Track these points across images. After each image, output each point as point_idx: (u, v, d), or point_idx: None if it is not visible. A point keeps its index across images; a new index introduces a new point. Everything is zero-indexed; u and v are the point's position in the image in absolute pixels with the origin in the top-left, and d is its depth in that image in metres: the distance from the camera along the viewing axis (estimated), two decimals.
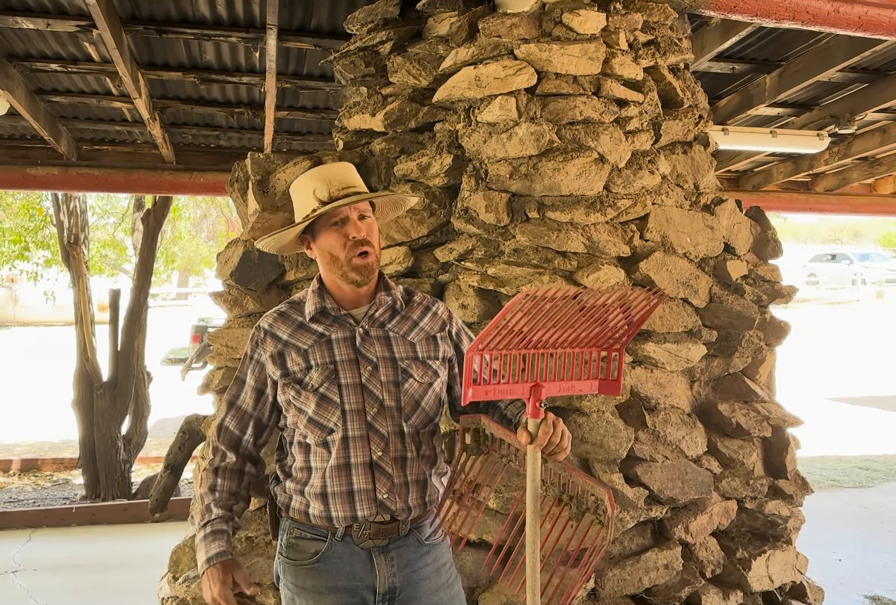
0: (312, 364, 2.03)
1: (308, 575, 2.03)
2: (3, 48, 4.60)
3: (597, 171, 3.24)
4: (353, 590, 2.01)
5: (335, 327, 2.08)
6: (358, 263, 2.02)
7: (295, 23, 4.31)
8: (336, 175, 2.08)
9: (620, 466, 3.20)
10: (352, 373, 2.03)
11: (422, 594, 2.05)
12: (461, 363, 2.17)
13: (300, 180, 2.11)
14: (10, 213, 10.91)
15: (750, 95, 5.47)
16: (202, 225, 21.20)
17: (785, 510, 3.52)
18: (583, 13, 3.21)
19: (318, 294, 2.11)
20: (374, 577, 2.01)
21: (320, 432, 2.01)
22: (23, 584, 4.93)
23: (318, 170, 2.11)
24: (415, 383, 2.07)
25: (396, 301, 2.13)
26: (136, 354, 7.70)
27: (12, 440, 10.52)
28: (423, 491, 2.07)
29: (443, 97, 3.37)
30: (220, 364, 3.50)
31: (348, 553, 2.01)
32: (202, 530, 2.05)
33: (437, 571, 2.10)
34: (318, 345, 2.05)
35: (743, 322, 3.47)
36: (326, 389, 2.01)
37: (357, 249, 2.02)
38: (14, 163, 6.53)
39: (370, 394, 2.02)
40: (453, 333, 2.18)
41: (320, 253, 2.09)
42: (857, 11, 3.54)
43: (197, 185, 6.85)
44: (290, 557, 2.07)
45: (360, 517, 1.99)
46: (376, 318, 2.10)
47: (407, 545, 2.05)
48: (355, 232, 2.02)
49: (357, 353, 2.04)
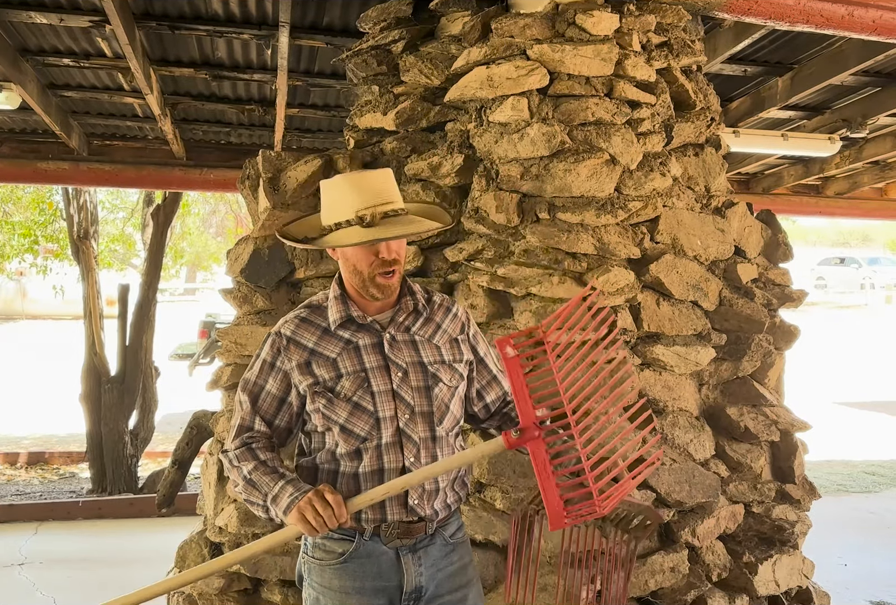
0: (343, 372, 2.01)
1: (335, 575, 2.02)
2: (17, 43, 4.62)
3: (608, 172, 3.23)
4: (379, 591, 2.01)
5: (361, 333, 2.05)
6: (381, 282, 1.99)
7: (307, 20, 4.31)
8: (373, 186, 1.98)
9: (628, 468, 3.19)
10: (383, 380, 2.01)
11: (445, 591, 2.06)
12: (477, 366, 2.19)
13: (337, 182, 2.01)
14: (21, 207, 10.95)
15: (762, 98, 5.45)
16: (211, 221, 21.27)
17: (792, 514, 3.51)
18: (596, 14, 3.21)
19: (340, 301, 2.06)
20: (402, 577, 2.02)
21: (353, 441, 2.00)
22: (29, 577, 4.95)
23: (357, 176, 2.01)
24: (444, 387, 2.07)
25: (419, 303, 2.11)
26: (144, 349, 7.73)
27: (20, 433, 10.57)
28: (452, 494, 2.09)
29: (455, 97, 3.37)
30: (229, 361, 3.51)
31: (376, 553, 2.01)
32: (278, 486, 1.92)
33: (462, 569, 2.12)
34: (346, 352, 2.02)
35: (752, 326, 3.46)
36: (360, 397, 2.00)
37: (383, 268, 1.98)
38: (25, 157, 6.56)
39: (402, 400, 2.01)
40: (471, 335, 2.18)
41: (344, 260, 2.04)
42: (871, 15, 3.52)
43: (207, 181, 6.87)
44: (315, 556, 2.06)
45: (390, 519, 2.00)
46: (401, 322, 2.08)
47: (434, 545, 2.07)
48: (386, 252, 1.97)
49: (386, 359, 2.03)
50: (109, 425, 7.54)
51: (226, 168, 6.75)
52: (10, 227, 10.72)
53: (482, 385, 2.21)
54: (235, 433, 2.07)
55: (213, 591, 3.31)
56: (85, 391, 7.66)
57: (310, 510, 1.84)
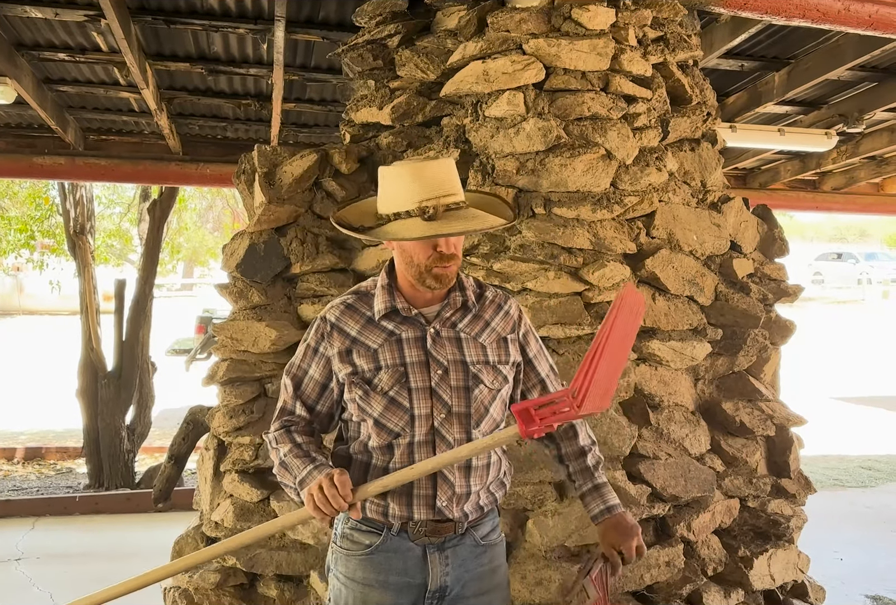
0: (382, 365, 1.96)
1: (359, 566, 2.00)
2: (12, 37, 4.60)
3: (604, 167, 3.23)
4: (402, 588, 1.97)
5: (405, 325, 1.99)
6: (439, 272, 1.93)
7: (303, 15, 4.29)
8: (436, 175, 1.90)
9: (623, 463, 3.20)
10: (422, 376, 1.96)
11: (471, 594, 2.01)
12: (525, 368, 2.12)
13: (398, 169, 1.93)
14: (17, 202, 10.92)
15: (758, 93, 5.44)
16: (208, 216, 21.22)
17: (787, 509, 3.51)
18: (592, 9, 3.20)
19: (388, 291, 2.01)
20: (427, 575, 1.98)
21: (386, 436, 1.96)
22: (26, 572, 4.95)
23: (420, 165, 1.93)
24: (485, 389, 2.00)
25: (468, 299, 2.04)
26: (140, 344, 7.71)
27: (16, 429, 10.56)
28: (486, 496, 2.04)
29: (450, 91, 3.36)
30: (225, 356, 3.50)
31: (403, 548, 1.98)
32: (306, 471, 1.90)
33: (492, 572, 2.07)
34: (388, 344, 1.97)
35: (748, 321, 3.47)
36: (396, 392, 1.95)
37: (441, 262, 1.92)
38: (21, 152, 6.53)
39: (439, 399, 1.96)
40: (521, 334, 2.10)
41: (399, 251, 1.97)
42: (867, 10, 3.52)
43: (203, 176, 6.85)
44: (343, 546, 2.04)
45: (417, 518, 1.96)
46: (448, 318, 2.02)
47: (463, 545, 2.01)
48: (444, 247, 1.91)
49: (428, 355, 1.97)
50: (106, 420, 7.53)
51: (222, 163, 6.72)
52: (6, 222, 10.69)
53: (527, 387, 2.14)
54: (277, 415, 2.06)
55: (209, 586, 3.31)
56: (82, 387, 7.64)
57: (317, 491, 1.80)
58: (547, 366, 2.16)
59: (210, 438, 3.62)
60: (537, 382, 2.14)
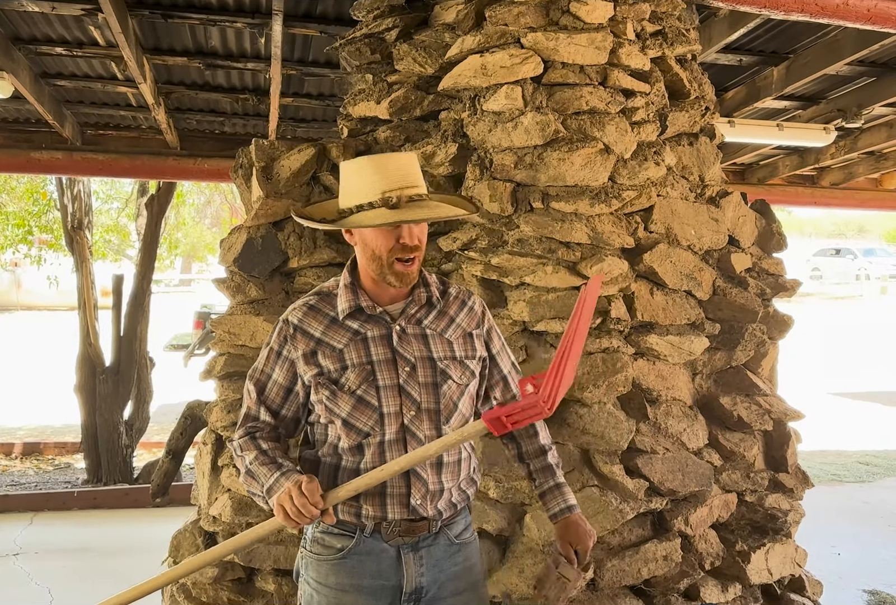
0: (348, 364, 1.94)
1: (331, 571, 1.97)
2: (9, 31, 4.59)
3: (602, 161, 3.23)
4: (377, 591, 1.95)
5: (370, 323, 1.97)
6: (400, 270, 1.91)
7: (301, 9, 4.29)
8: (399, 168, 1.89)
9: (621, 457, 3.20)
10: (389, 374, 1.94)
11: (448, 594, 2.00)
12: (489, 364, 2.12)
13: (361, 163, 1.92)
14: (14, 197, 10.90)
15: (757, 88, 5.44)
16: (206, 211, 21.23)
17: (785, 503, 3.52)
18: (590, 2, 3.19)
19: (351, 290, 1.99)
20: (402, 576, 1.95)
21: (356, 436, 1.94)
22: (24, 567, 4.96)
23: (383, 158, 1.94)
24: (453, 385, 1.99)
25: (433, 296, 2.03)
26: (138, 339, 7.71)
27: (15, 424, 10.56)
28: (458, 493, 2.03)
29: (448, 85, 3.36)
30: (223, 350, 3.50)
31: (377, 550, 1.95)
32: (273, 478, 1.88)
33: (468, 571, 2.05)
34: (353, 343, 1.95)
35: (746, 315, 3.47)
36: (364, 391, 1.93)
37: (404, 254, 1.90)
38: (18, 147, 6.52)
39: (408, 396, 1.94)
40: (485, 330, 2.11)
41: (362, 245, 1.95)
42: (866, 4, 3.51)
43: (201, 171, 6.84)
44: (314, 551, 2.00)
45: (391, 518, 1.94)
46: (413, 315, 2.00)
47: (437, 544, 2.00)
48: (408, 238, 1.89)
49: (394, 352, 1.95)
50: (104, 415, 7.53)
51: (220, 158, 6.71)
52: (3, 217, 10.69)
53: (490, 384, 2.14)
54: (241, 422, 2.04)
55: (207, 580, 3.31)
56: (80, 382, 7.64)
57: (287, 501, 1.79)
58: (509, 363, 2.17)
59: (208, 432, 3.62)
60: (500, 379, 2.15)
